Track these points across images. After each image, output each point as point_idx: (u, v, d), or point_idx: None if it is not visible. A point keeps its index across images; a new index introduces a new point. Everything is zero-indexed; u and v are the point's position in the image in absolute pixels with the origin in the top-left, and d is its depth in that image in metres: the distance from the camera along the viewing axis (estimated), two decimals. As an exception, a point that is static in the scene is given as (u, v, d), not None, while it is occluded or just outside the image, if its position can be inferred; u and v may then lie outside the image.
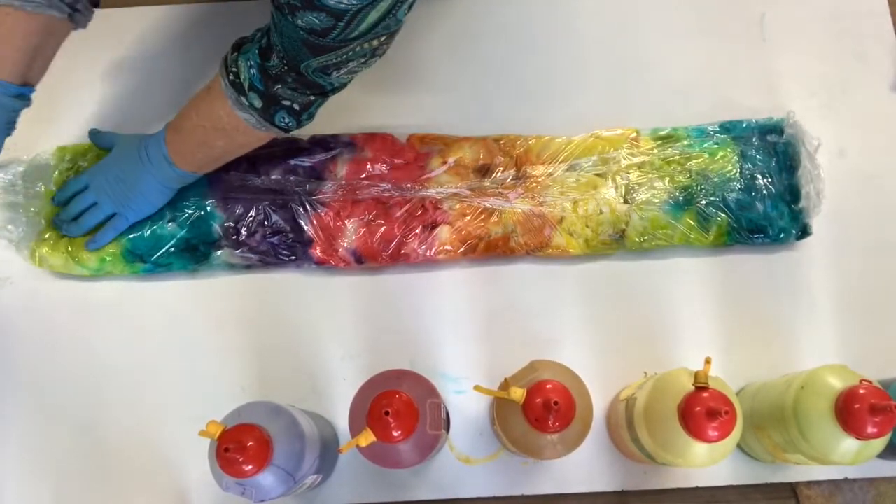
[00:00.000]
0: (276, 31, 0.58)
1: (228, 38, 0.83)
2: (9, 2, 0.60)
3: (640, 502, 0.69)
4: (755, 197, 0.74)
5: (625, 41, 0.83)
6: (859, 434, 0.53)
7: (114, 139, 0.76)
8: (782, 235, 0.74)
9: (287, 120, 0.64)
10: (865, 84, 0.81)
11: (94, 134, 0.77)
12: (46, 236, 0.74)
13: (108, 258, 0.74)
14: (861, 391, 0.53)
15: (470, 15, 0.85)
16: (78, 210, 0.74)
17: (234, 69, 0.63)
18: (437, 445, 0.60)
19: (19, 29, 0.63)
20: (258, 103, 0.63)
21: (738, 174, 0.75)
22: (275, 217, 0.74)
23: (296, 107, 0.63)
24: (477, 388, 0.57)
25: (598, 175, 0.75)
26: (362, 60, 0.60)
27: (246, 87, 0.62)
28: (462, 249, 0.73)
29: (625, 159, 0.76)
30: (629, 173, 0.75)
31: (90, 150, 0.78)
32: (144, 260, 0.74)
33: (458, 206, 0.74)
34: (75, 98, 0.81)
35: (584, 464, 0.69)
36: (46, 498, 0.70)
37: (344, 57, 0.58)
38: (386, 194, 0.75)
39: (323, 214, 0.74)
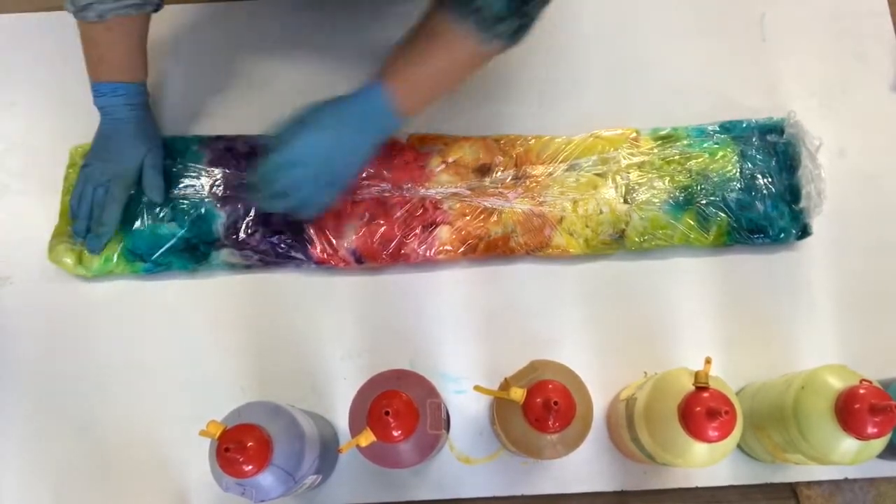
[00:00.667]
0: None
1: (232, 38, 0.84)
2: (115, 12, 0.67)
3: (640, 502, 0.69)
4: (755, 197, 0.74)
5: (625, 41, 0.83)
6: (859, 434, 0.53)
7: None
8: (782, 235, 0.74)
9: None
10: (865, 84, 0.81)
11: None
12: (60, 234, 0.75)
13: (110, 260, 0.74)
14: (861, 391, 0.53)
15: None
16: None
17: None
18: (437, 445, 0.60)
19: (135, 33, 0.71)
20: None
21: (738, 174, 0.75)
22: (275, 217, 0.74)
23: None
24: (477, 388, 0.57)
25: (598, 175, 0.75)
26: None
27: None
28: (462, 249, 0.73)
29: (625, 159, 0.76)
30: (629, 173, 0.75)
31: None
32: (144, 259, 0.74)
33: (458, 206, 0.74)
34: (87, 99, 0.81)
35: (584, 464, 0.69)
36: (46, 498, 0.70)
37: None
38: (386, 194, 0.75)
39: (323, 214, 0.74)
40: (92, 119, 0.79)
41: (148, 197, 0.75)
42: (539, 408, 0.54)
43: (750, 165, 0.75)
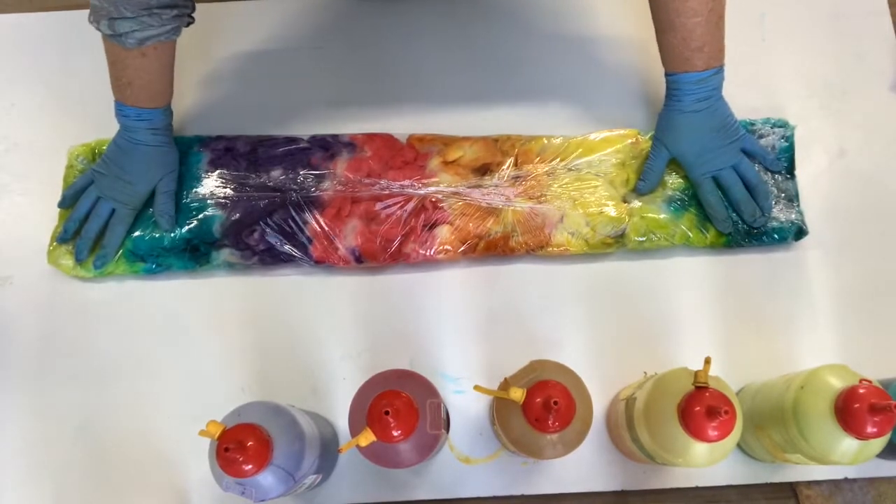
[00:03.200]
0: None
1: (232, 37, 0.84)
2: (155, 39, 0.66)
3: (640, 502, 0.69)
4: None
5: (625, 41, 0.83)
6: (859, 434, 0.53)
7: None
8: (780, 236, 0.74)
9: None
10: (865, 84, 0.81)
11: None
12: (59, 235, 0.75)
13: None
14: (861, 391, 0.53)
15: (470, 15, 0.85)
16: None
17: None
18: (437, 445, 0.60)
19: (167, 58, 0.70)
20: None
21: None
22: (275, 216, 0.74)
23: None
24: (477, 387, 0.57)
25: (598, 175, 0.75)
26: None
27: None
28: (462, 249, 0.73)
29: (625, 159, 0.76)
30: (629, 173, 0.75)
31: (99, 147, 0.78)
32: (145, 260, 0.74)
33: (458, 205, 0.74)
34: (87, 99, 0.81)
35: (584, 464, 0.69)
36: (46, 498, 0.70)
37: None
38: (386, 194, 0.75)
39: (323, 214, 0.74)
40: (92, 119, 0.80)
41: (157, 222, 0.74)
42: (539, 408, 0.54)
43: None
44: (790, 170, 0.76)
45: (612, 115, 0.79)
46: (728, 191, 0.72)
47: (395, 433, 0.54)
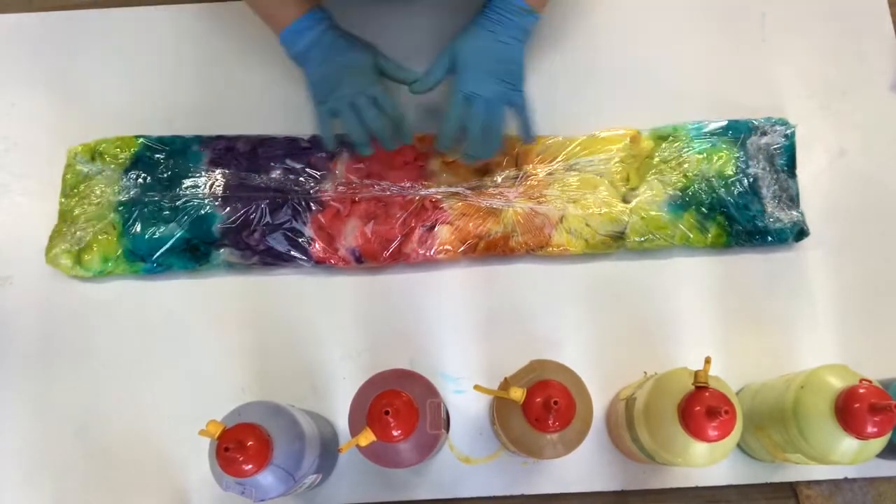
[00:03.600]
0: None
1: (232, 37, 0.84)
2: None
3: (640, 502, 0.69)
4: (754, 197, 0.74)
5: (625, 41, 0.83)
6: (859, 434, 0.53)
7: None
8: (780, 237, 0.74)
9: None
10: (865, 84, 0.81)
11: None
12: (58, 236, 0.75)
13: (110, 260, 0.74)
14: (861, 391, 0.53)
15: (470, 16, 0.85)
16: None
17: None
18: (437, 445, 0.60)
19: None
20: None
21: (736, 174, 0.75)
22: (275, 216, 0.74)
23: None
24: (477, 387, 0.57)
25: (597, 175, 0.75)
26: None
27: None
28: (462, 249, 0.73)
29: (625, 159, 0.76)
30: (629, 173, 0.75)
31: (98, 147, 0.78)
32: (145, 260, 0.74)
33: (458, 205, 0.74)
34: (87, 99, 0.81)
35: (584, 464, 0.69)
36: (46, 498, 0.70)
37: None
38: (386, 194, 0.75)
39: (323, 214, 0.74)
40: (92, 119, 0.80)
41: (404, 82, 0.71)
42: (539, 407, 0.54)
43: (749, 166, 0.75)
44: (791, 169, 0.76)
45: (613, 115, 0.79)
46: (473, 119, 0.69)
47: (395, 433, 0.54)
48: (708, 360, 0.55)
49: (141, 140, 0.78)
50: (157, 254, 0.74)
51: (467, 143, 0.70)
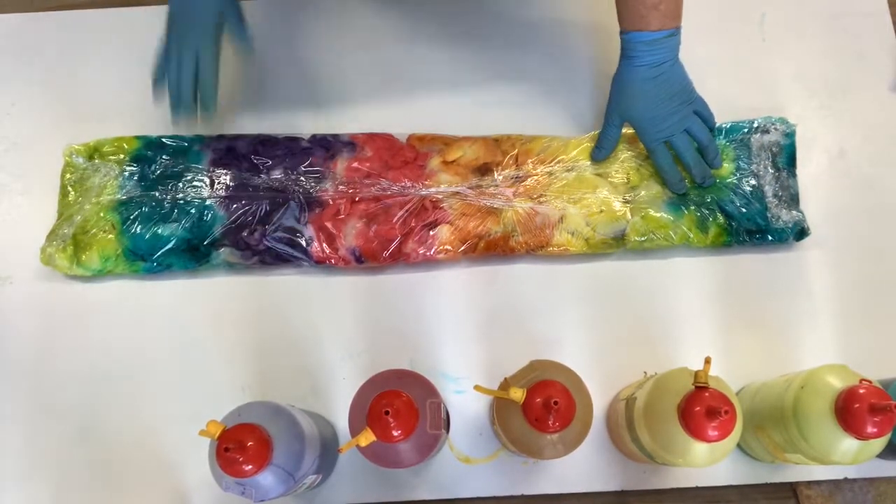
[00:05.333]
0: None
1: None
2: None
3: (640, 502, 0.69)
4: (754, 197, 0.74)
5: (625, 41, 0.83)
6: (859, 434, 0.53)
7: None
8: (780, 236, 0.74)
9: None
10: (865, 84, 0.81)
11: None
12: (54, 235, 0.74)
13: (109, 259, 0.74)
14: (861, 391, 0.53)
15: (470, 15, 0.85)
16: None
17: None
18: (437, 445, 0.60)
19: None
20: None
21: (737, 174, 0.75)
22: (275, 216, 0.74)
23: None
24: (477, 387, 0.57)
25: (597, 175, 0.75)
26: None
27: None
28: (462, 249, 0.73)
29: (625, 160, 0.76)
30: (629, 173, 0.75)
31: (98, 147, 0.78)
32: (145, 260, 0.74)
33: (458, 205, 0.74)
34: (87, 99, 0.81)
35: (584, 464, 0.69)
36: (46, 498, 0.70)
37: None
38: (386, 194, 0.75)
39: (323, 213, 0.74)
40: (92, 119, 0.80)
41: (238, 48, 0.70)
42: (539, 408, 0.54)
43: (749, 165, 0.75)
44: (792, 168, 0.76)
45: (613, 115, 0.79)
46: (681, 154, 0.72)
47: (395, 433, 0.54)
48: (708, 360, 0.55)
49: (141, 140, 0.78)
50: (158, 254, 0.74)
51: (695, 172, 0.73)
